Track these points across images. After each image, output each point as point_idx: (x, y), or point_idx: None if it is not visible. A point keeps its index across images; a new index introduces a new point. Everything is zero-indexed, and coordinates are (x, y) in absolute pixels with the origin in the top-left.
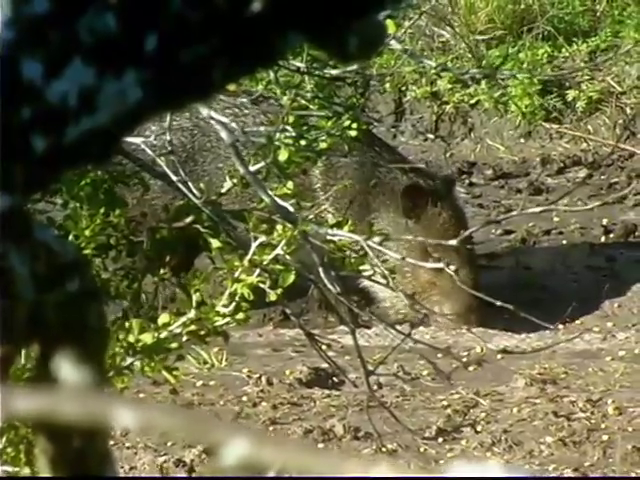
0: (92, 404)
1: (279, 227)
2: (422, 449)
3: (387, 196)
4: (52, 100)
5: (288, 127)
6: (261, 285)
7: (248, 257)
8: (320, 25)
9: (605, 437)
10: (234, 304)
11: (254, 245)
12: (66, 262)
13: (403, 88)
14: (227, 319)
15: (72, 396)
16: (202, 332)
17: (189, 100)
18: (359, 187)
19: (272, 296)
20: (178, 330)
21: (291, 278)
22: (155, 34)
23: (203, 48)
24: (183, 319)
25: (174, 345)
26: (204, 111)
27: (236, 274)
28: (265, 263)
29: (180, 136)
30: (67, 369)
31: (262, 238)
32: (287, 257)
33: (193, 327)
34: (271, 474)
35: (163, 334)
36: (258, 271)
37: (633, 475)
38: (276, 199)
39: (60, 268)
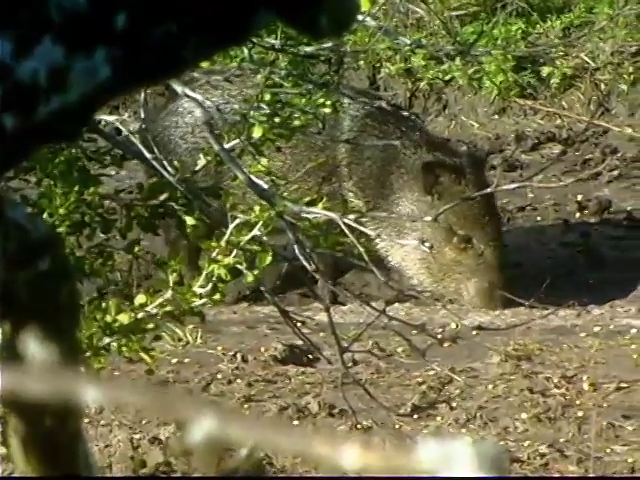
0: (58, 382)
1: (256, 207)
2: (397, 426)
3: (411, 175)
4: (22, 79)
5: (262, 104)
6: (238, 266)
7: (225, 238)
8: (291, 3)
9: (580, 413)
10: (211, 285)
11: (232, 226)
12: (37, 241)
13: (377, 65)
14: (204, 299)
15: (38, 374)
16: (178, 312)
17: (160, 77)
18: (382, 168)
19: (249, 277)
20: (155, 311)
21: (268, 259)
22: (125, 12)
23: (174, 26)
24: (160, 300)
25: (151, 325)
26: (178, 88)
27: (213, 255)
28: (242, 244)
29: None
30: (37, 348)
31: (240, 218)
32: (264, 237)
33: (170, 307)
34: (241, 450)
35: (140, 314)
36: (235, 252)
37: (608, 451)
38: (251, 176)
39: (31, 247)
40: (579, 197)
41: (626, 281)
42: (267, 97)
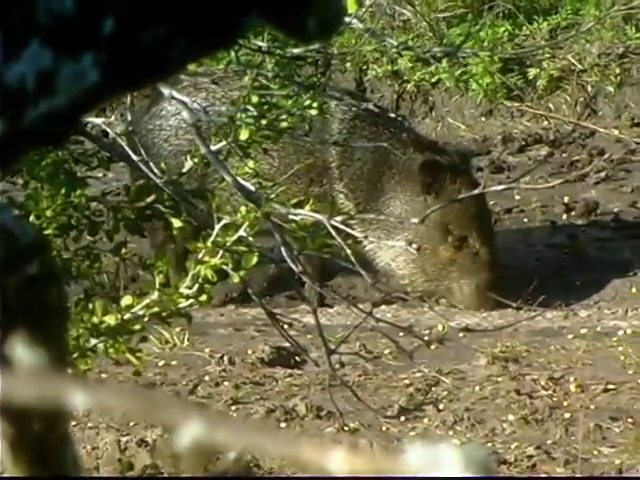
0: (46, 386)
1: (242, 208)
2: (384, 428)
3: (403, 176)
4: (10, 83)
5: (249, 107)
6: (224, 267)
7: (211, 239)
8: (279, 6)
9: (567, 415)
10: (197, 285)
11: (218, 227)
12: (26, 245)
13: (364, 67)
14: (190, 301)
15: (27, 378)
16: (165, 314)
17: (149, 81)
18: (373, 169)
19: (235, 278)
20: (141, 312)
21: (254, 260)
22: (112, 16)
23: (162, 30)
24: (146, 301)
25: (137, 327)
26: (165, 91)
27: (199, 256)
28: (228, 244)
29: None
30: (25, 352)
31: (226, 219)
32: (250, 238)
33: (156, 309)
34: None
35: (126, 316)
36: (221, 253)
37: (595, 452)
38: (238, 179)
39: (19, 251)
40: (566, 199)
41: (613, 283)
42: (254, 99)
